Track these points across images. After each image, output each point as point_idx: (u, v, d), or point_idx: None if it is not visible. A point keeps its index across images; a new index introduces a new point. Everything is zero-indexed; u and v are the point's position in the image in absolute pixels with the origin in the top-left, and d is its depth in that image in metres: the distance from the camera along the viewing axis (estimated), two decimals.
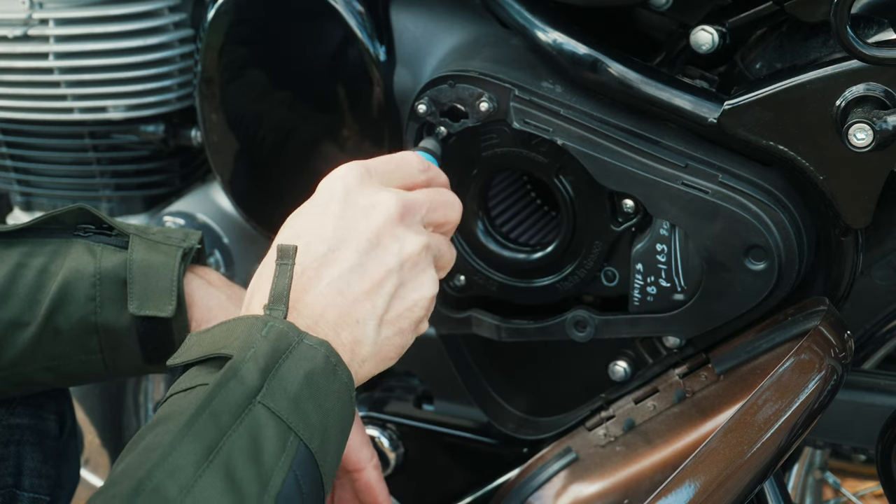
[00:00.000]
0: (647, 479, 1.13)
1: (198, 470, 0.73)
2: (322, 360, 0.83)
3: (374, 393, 1.44)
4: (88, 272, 1.00)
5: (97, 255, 1.02)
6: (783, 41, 1.06)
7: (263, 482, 0.76)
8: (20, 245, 1.02)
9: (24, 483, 1.07)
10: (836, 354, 0.97)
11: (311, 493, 0.80)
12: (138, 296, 1.00)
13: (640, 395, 1.19)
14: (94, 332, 1.01)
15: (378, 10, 1.22)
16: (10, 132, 1.52)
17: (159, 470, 0.73)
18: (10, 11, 1.42)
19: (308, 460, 0.80)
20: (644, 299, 1.13)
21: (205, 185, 1.56)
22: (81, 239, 1.03)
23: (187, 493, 0.72)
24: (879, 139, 0.93)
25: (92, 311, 1.00)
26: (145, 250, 1.02)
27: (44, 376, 1.03)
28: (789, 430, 0.93)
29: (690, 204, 1.06)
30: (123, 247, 1.03)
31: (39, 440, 1.09)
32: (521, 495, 1.22)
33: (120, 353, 1.03)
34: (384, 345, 0.91)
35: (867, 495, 1.67)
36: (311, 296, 0.88)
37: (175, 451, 0.74)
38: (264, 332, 0.82)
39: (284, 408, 0.79)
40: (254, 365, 0.80)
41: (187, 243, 1.05)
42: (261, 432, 0.78)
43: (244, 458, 0.76)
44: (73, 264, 1.01)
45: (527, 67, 1.11)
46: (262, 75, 1.27)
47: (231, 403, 0.78)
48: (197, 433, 0.75)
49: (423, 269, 0.93)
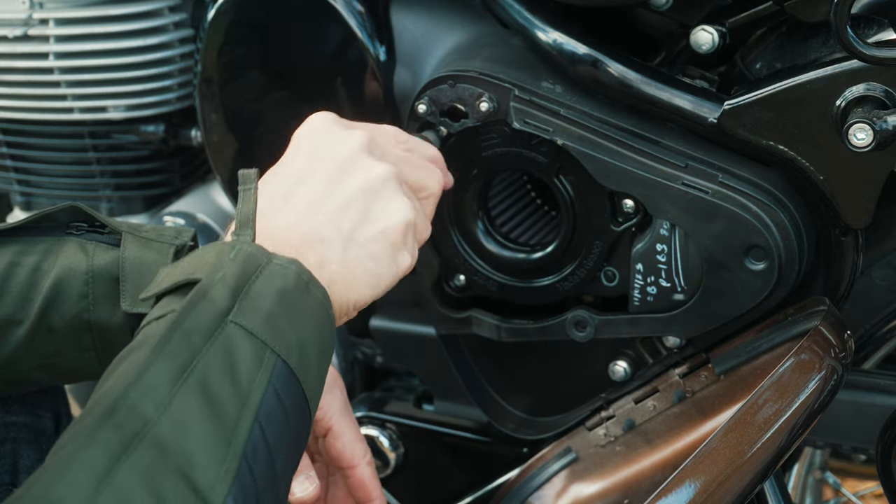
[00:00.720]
0: (647, 479, 1.13)
1: (172, 388, 0.73)
2: (293, 278, 0.84)
3: (374, 393, 1.44)
4: (81, 270, 1.00)
5: (90, 252, 1.01)
6: (783, 41, 1.06)
7: (242, 397, 0.76)
8: (12, 244, 1.01)
9: (21, 481, 1.07)
10: (836, 354, 0.97)
11: (294, 409, 0.80)
12: (131, 293, 0.99)
13: (640, 395, 1.19)
14: (88, 329, 1.01)
15: (378, 10, 1.22)
16: (10, 132, 1.52)
17: (134, 390, 0.73)
18: (10, 11, 1.42)
19: (287, 375, 0.80)
20: (644, 299, 1.13)
21: (205, 185, 1.56)
22: (74, 237, 1.03)
23: (164, 411, 0.72)
24: (879, 139, 0.93)
25: (85, 308, 1.00)
26: (138, 248, 1.02)
27: (38, 374, 1.03)
28: (789, 430, 0.93)
29: (690, 204, 1.06)
30: (116, 244, 1.02)
31: (35, 438, 1.09)
32: (521, 495, 1.22)
33: (114, 350, 1.02)
34: (353, 265, 0.91)
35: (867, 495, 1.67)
36: (278, 221, 0.90)
37: (148, 371, 0.74)
38: (232, 255, 0.83)
39: (258, 325, 0.79)
40: (223, 286, 0.80)
41: (180, 240, 1.04)
42: (235, 350, 0.77)
43: (219, 375, 0.76)
44: (66, 262, 1.01)
45: (527, 67, 1.11)
46: (261, 75, 1.27)
47: (202, 323, 0.78)
48: (169, 354, 0.75)
49: (391, 195, 0.94)
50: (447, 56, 1.19)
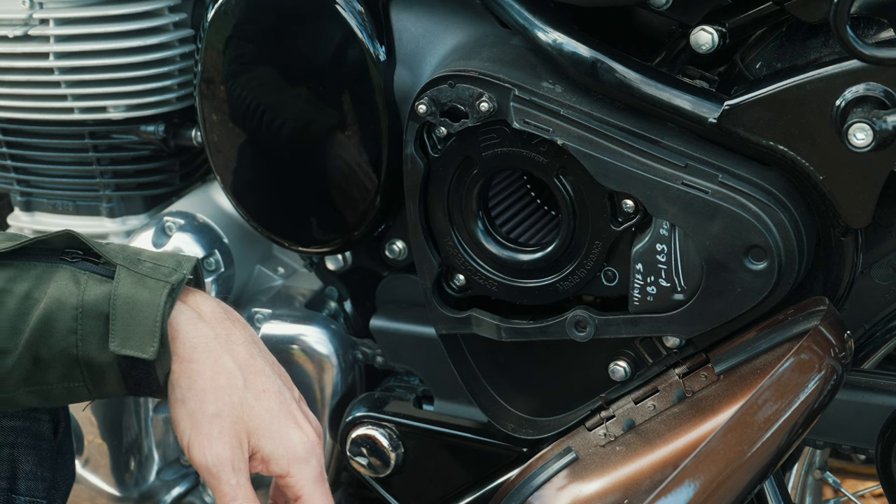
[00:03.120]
0: (647, 479, 1.13)
1: None
2: None
3: (374, 393, 1.44)
4: (71, 304, 0.98)
5: (82, 284, 1.00)
6: (783, 41, 1.06)
7: None
8: (5, 269, 0.99)
9: (20, 487, 1.07)
10: (836, 354, 0.97)
11: None
12: (120, 334, 0.98)
13: (640, 395, 1.19)
14: (76, 364, 0.99)
15: (378, 10, 1.22)
16: (10, 132, 1.52)
17: None
18: (10, 11, 1.42)
19: None
20: (644, 299, 1.13)
21: (205, 185, 1.56)
22: (68, 265, 1.01)
23: None
24: (879, 139, 0.93)
25: (73, 344, 0.98)
26: (131, 284, 1.00)
27: (29, 399, 1.02)
28: (789, 430, 0.93)
29: (690, 204, 1.06)
30: (110, 276, 1.00)
31: (34, 442, 1.08)
32: (521, 495, 1.22)
33: (104, 383, 1.01)
34: None
35: (867, 495, 1.67)
36: None
37: None
38: None
39: None
40: None
41: (177, 275, 1.02)
42: None
43: None
44: (57, 293, 0.99)
45: (527, 67, 1.11)
46: (262, 75, 1.27)
47: None
48: None
49: None
50: (447, 56, 1.19)
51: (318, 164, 1.28)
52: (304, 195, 1.32)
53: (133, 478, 1.54)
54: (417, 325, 1.35)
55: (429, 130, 1.16)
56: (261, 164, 1.33)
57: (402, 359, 1.39)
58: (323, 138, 1.27)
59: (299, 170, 1.30)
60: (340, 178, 1.28)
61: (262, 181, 1.34)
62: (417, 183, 1.17)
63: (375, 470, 1.40)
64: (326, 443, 1.47)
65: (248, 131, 1.31)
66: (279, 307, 1.48)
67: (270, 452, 1.03)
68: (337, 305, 1.48)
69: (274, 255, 1.55)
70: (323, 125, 1.26)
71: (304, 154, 1.28)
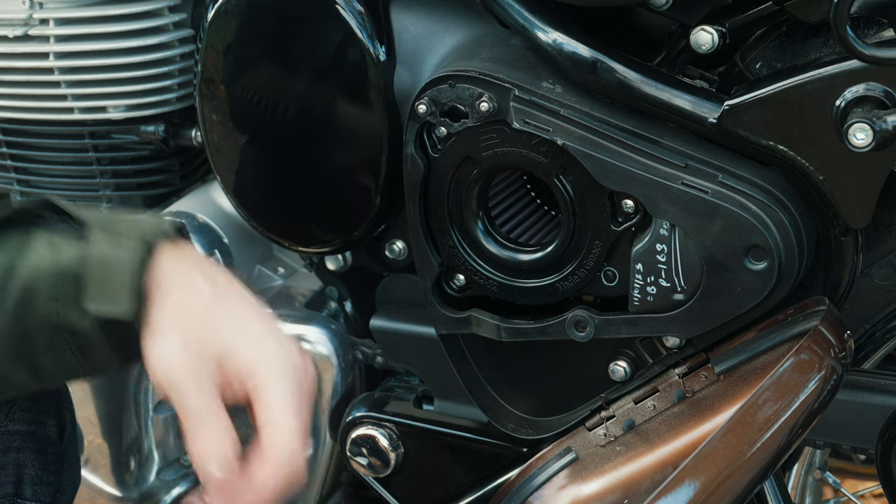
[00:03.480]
0: (647, 479, 1.13)
1: None
2: None
3: (374, 393, 1.44)
4: (49, 269, 0.95)
5: (55, 247, 0.96)
6: (783, 41, 1.06)
7: None
8: None
9: (26, 491, 1.06)
10: (836, 354, 0.97)
11: None
12: (96, 294, 0.94)
13: (640, 395, 1.19)
14: (60, 331, 0.95)
15: (378, 10, 1.22)
16: (10, 132, 1.52)
17: None
18: (10, 11, 1.42)
19: None
20: (644, 299, 1.13)
21: (205, 185, 1.56)
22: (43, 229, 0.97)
23: None
24: (879, 139, 0.93)
25: (55, 311, 0.94)
26: (105, 243, 0.95)
27: (22, 376, 0.99)
28: (789, 430, 0.93)
29: (690, 204, 1.06)
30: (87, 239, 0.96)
31: (40, 447, 1.07)
32: (521, 495, 1.22)
33: (91, 352, 0.96)
34: None
35: (867, 495, 1.67)
36: None
37: None
38: None
39: None
40: None
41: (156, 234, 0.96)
42: None
43: None
44: (35, 261, 0.95)
45: (527, 67, 1.11)
46: (261, 75, 1.27)
47: None
48: None
49: None
50: (447, 56, 1.19)
51: (319, 163, 1.28)
52: (305, 195, 1.32)
53: (133, 478, 1.54)
54: (417, 325, 1.35)
55: (429, 130, 1.16)
56: (261, 164, 1.33)
57: (402, 359, 1.39)
58: (323, 138, 1.27)
59: (299, 170, 1.30)
60: (340, 178, 1.28)
61: (263, 181, 1.34)
62: (417, 183, 1.17)
63: (375, 470, 1.40)
64: (326, 443, 1.47)
65: (249, 131, 1.31)
66: (279, 307, 1.48)
67: (243, 364, 0.94)
68: (337, 305, 1.48)
69: (274, 255, 1.55)
70: (323, 125, 1.26)
71: (305, 154, 1.28)
